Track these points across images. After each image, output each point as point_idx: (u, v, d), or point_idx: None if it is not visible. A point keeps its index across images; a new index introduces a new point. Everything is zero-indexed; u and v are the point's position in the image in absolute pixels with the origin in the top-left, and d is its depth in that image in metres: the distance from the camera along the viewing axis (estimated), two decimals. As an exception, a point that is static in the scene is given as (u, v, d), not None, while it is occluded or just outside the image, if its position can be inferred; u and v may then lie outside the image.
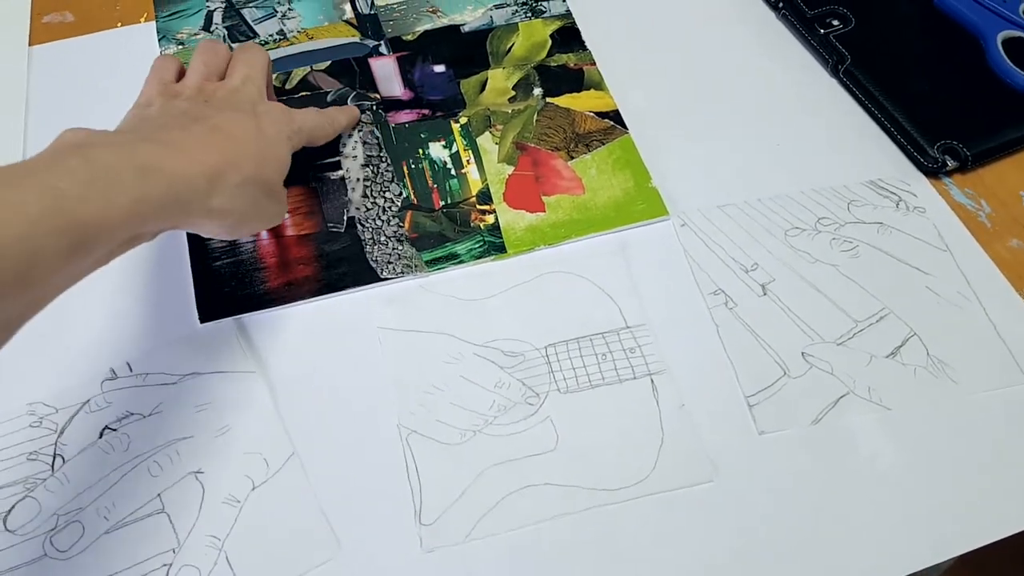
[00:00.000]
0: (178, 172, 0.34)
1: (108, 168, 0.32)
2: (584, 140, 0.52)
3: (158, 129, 0.37)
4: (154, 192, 0.33)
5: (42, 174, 0.30)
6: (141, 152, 0.34)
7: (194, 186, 0.35)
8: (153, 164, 0.33)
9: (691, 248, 0.48)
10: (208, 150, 0.36)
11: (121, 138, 0.35)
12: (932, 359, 0.43)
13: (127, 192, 0.32)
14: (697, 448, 0.41)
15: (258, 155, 0.39)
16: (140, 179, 0.32)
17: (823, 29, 0.55)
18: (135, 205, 0.32)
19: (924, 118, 0.51)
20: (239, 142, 0.38)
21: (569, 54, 0.56)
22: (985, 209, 0.49)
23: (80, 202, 0.30)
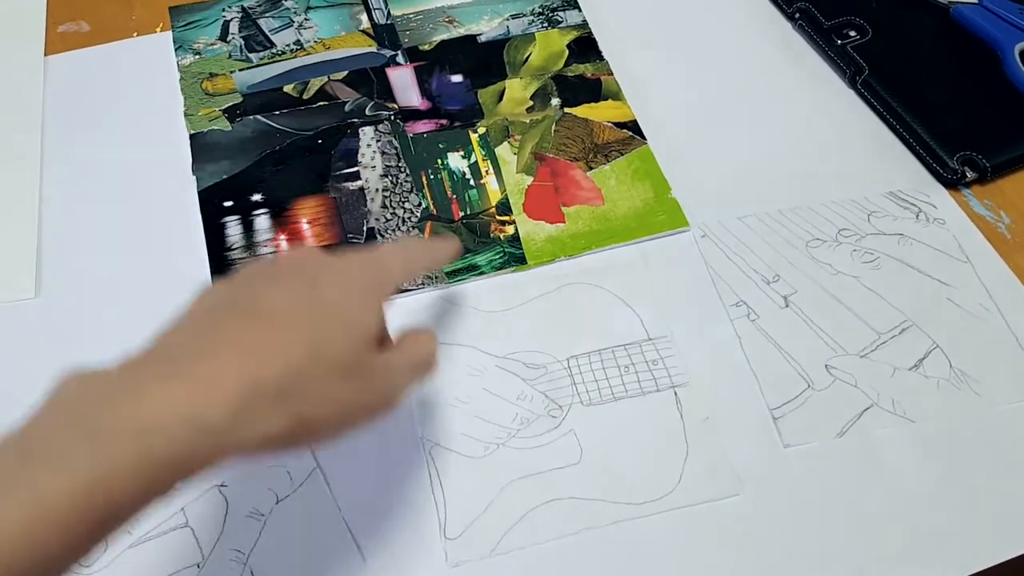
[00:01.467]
0: (177, 416, 0.25)
1: (104, 431, 0.25)
2: (603, 150, 0.52)
3: (178, 346, 0.29)
4: (155, 452, 0.25)
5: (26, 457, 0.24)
6: (144, 404, 0.26)
7: (210, 426, 0.26)
8: (151, 422, 0.25)
9: (712, 259, 0.47)
10: (228, 356, 0.27)
11: (118, 382, 0.27)
12: (955, 371, 0.43)
13: (120, 467, 0.24)
14: (722, 461, 0.40)
15: (317, 333, 0.29)
16: (134, 444, 0.25)
17: (840, 40, 0.55)
18: (133, 477, 0.24)
19: (943, 129, 0.51)
20: (283, 322, 0.29)
21: (586, 64, 0.56)
22: (1005, 220, 0.49)
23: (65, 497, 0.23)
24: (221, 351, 0.27)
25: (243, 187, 0.50)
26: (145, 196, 0.50)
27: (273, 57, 0.56)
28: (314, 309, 0.30)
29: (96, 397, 0.26)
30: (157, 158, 0.52)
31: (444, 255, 0.41)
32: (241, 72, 0.56)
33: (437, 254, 0.40)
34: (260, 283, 0.31)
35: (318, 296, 0.31)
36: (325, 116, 0.53)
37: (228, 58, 0.56)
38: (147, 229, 0.49)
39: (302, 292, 0.31)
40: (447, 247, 0.41)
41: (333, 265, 0.33)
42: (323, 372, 0.29)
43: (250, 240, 0.48)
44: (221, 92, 0.55)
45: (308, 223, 0.49)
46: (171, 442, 0.25)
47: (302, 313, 0.30)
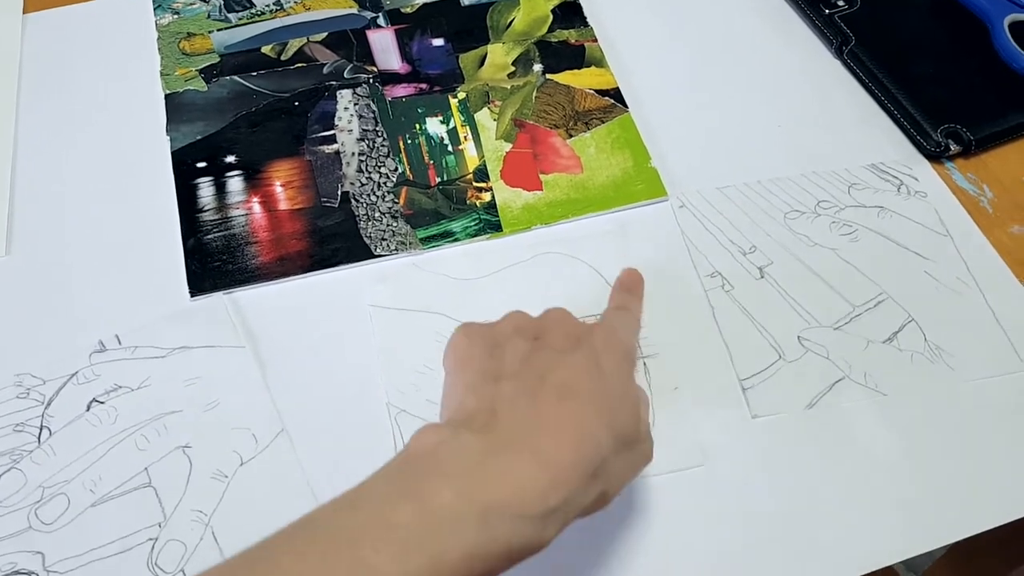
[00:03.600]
0: (530, 503, 0.27)
1: (445, 516, 0.26)
2: (584, 118, 0.51)
3: (509, 409, 0.30)
4: (496, 542, 0.27)
5: (359, 541, 0.26)
6: (491, 481, 0.27)
7: (549, 508, 0.28)
8: (501, 502, 0.27)
9: (689, 230, 0.47)
10: (562, 434, 0.29)
11: (472, 452, 0.28)
12: (929, 345, 0.43)
13: (459, 547, 0.26)
14: (688, 432, 0.40)
15: (611, 413, 0.31)
16: (481, 528, 0.26)
17: (828, 9, 0.54)
18: (466, 561, 0.26)
19: (928, 101, 0.50)
20: (589, 402, 0.30)
21: (570, 30, 0.55)
22: (987, 194, 0.48)
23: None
24: (555, 431, 0.29)
25: (217, 148, 0.49)
26: (119, 156, 0.50)
27: (252, 17, 0.55)
28: (605, 386, 0.32)
29: (476, 470, 0.28)
30: (132, 118, 0.51)
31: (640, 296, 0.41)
32: (219, 32, 0.55)
33: (639, 299, 0.41)
34: (550, 354, 0.32)
35: (602, 371, 0.32)
36: (303, 78, 0.53)
37: (207, 18, 0.56)
38: (120, 189, 0.49)
39: (592, 367, 0.32)
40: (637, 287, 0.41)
41: (598, 336, 0.34)
42: (619, 448, 0.31)
43: (222, 202, 0.47)
44: (198, 52, 0.54)
45: (282, 186, 0.48)
46: (532, 527, 0.27)
47: (599, 391, 0.31)
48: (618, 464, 0.31)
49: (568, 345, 0.33)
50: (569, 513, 0.29)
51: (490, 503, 0.27)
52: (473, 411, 0.31)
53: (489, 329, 0.35)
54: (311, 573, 0.25)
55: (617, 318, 0.38)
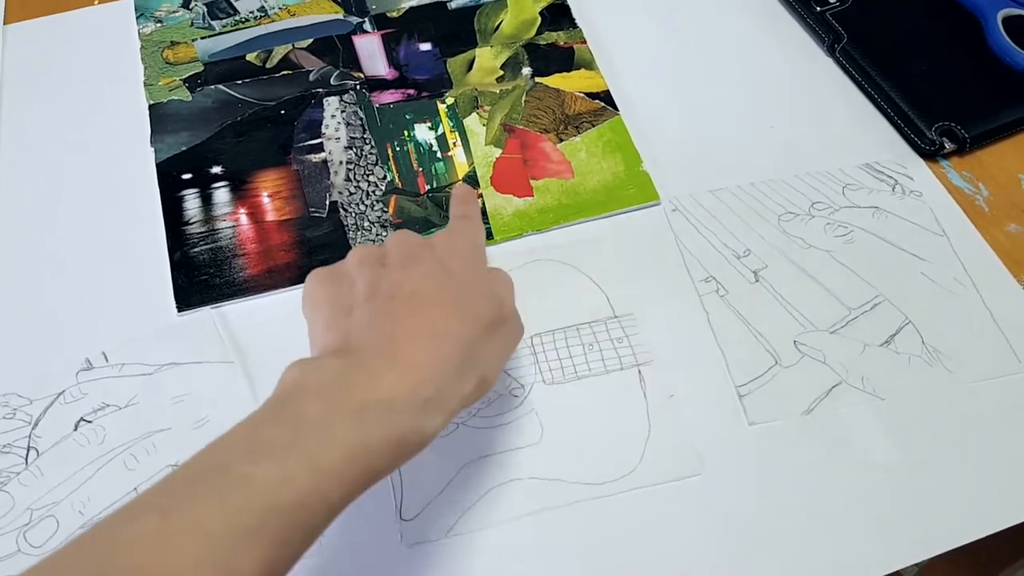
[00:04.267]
0: (400, 395, 0.29)
1: (315, 424, 0.28)
2: (574, 122, 0.51)
3: (367, 329, 0.32)
4: (374, 434, 0.28)
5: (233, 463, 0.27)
6: (357, 386, 0.29)
7: (423, 398, 0.30)
8: (370, 399, 0.29)
9: (682, 234, 0.46)
10: (422, 337, 0.31)
11: (335, 369, 0.30)
12: (927, 347, 0.42)
13: (336, 448, 0.27)
14: (685, 440, 0.40)
15: (466, 306, 0.33)
16: (354, 424, 0.28)
17: (819, 7, 0.54)
18: (348, 459, 0.27)
19: (922, 99, 0.49)
20: (440, 302, 0.32)
21: (559, 32, 0.55)
22: (983, 193, 0.47)
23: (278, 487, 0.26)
24: (414, 335, 0.31)
25: (203, 159, 0.49)
26: (103, 168, 0.49)
27: (236, 25, 0.55)
28: (453, 283, 0.34)
29: (340, 383, 0.29)
30: (116, 129, 0.51)
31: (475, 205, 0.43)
32: (203, 40, 0.54)
33: (474, 206, 0.42)
34: (394, 271, 0.34)
35: (449, 272, 0.34)
36: (288, 86, 0.52)
37: (190, 26, 0.55)
38: (104, 203, 0.48)
39: (437, 272, 0.34)
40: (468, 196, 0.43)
41: (439, 244, 0.36)
42: (484, 336, 0.33)
43: (209, 214, 0.47)
44: (182, 61, 0.53)
45: (269, 196, 0.47)
46: (409, 417, 0.29)
47: (448, 289, 0.33)
48: (488, 349, 0.33)
49: (411, 261, 0.35)
50: (447, 402, 0.31)
51: (359, 404, 0.29)
52: (333, 343, 0.32)
53: (335, 268, 0.36)
54: (184, 498, 0.26)
55: (456, 225, 0.40)
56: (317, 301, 0.35)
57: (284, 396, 0.30)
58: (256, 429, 0.28)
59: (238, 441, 0.28)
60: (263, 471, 0.26)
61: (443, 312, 0.32)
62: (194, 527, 0.25)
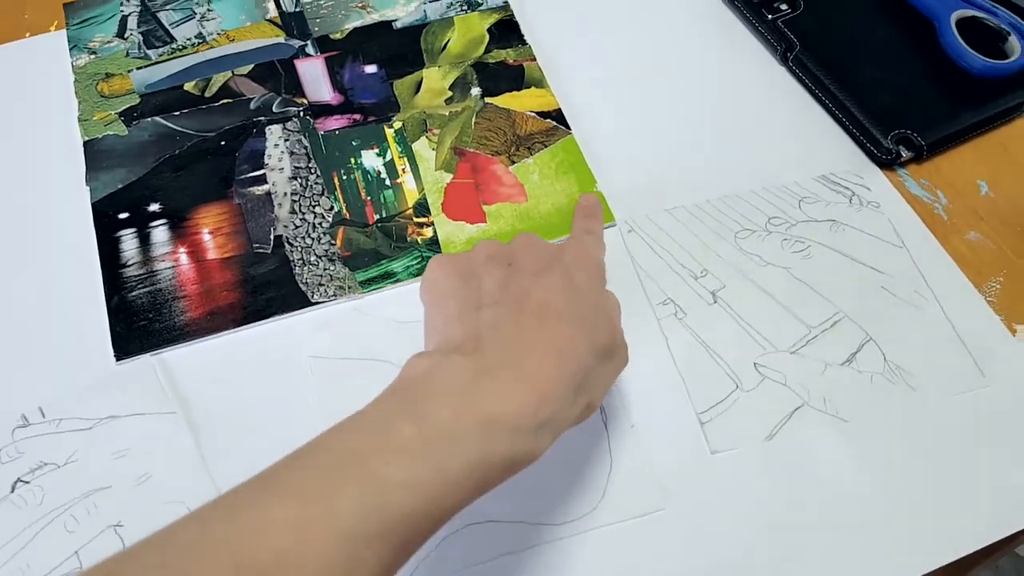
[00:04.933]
0: (524, 415, 0.29)
1: (446, 431, 0.28)
2: (526, 143, 0.49)
3: (495, 332, 0.31)
4: (496, 452, 0.28)
5: (367, 454, 0.27)
6: (486, 397, 0.29)
7: (540, 420, 0.29)
8: (497, 414, 0.28)
9: (639, 255, 0.45)
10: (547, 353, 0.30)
11: (465, 372, 0.30)
12: (889, 365, 0.41)
13: (463, 457, 0.27)
14: (647, 473, 0.39)
15: (589, 328, 0.32)
16: (481, 439, 0.28)
17: (771, 14, 0.53)
18: (472, 471, 0.27)
19: (876, 107, 0.48)
20: (568, 320, 0.32)
21: (508, 49, 0.53)
22: (942, 201, 0.47)
23: (407, 490, 0.26)
24: (540, 350, 0.31)
25: (140, 196, 0.47)
26: (36, 209, 0.47)
27: (173, 53, 0.53)
28: (580, 302, 0.33)
29: (470, 390, 0.29)
30: (49, 168, 0.49)
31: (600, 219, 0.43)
32: (139, 71, 0.52)
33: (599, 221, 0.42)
34: (525, 277, 0.34)
35: (576, 287, 0.34)
36: (229, 115, 0.50)
37: (125, 56, 0.53)
38: (38, 245, 0.46)
39: (566, 286, 0.33)
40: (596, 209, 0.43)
41: (568, 255, 0.36)
42: (599, 360, 0.33)
43: (147, 255, 0.45)
44: (117, 93, 0.51)
45: (210, 233, 0.46)
46: (528, 437, 0.29)
47: (575, 308, 0.33)
48: (599, 374, 0.33)
49: (541, 267, 0.34)
50: (559, 425, 0.30)
51: (486, 418, 0.28)
52: (459, 339, 0.32)
53: (463, 260, 0.36)
54: (323, 488, 0.26)
55: (582, 239, 0.39)
56: (442, 292, 0.34)
57: (413, 390, 0.30)
58: (388, 422, 0.28)
59: (371, 432, 0.28)
60: (397, 472, 0.26)
61: (569, 331, 0.32)
62: (331, 521, 0.25)
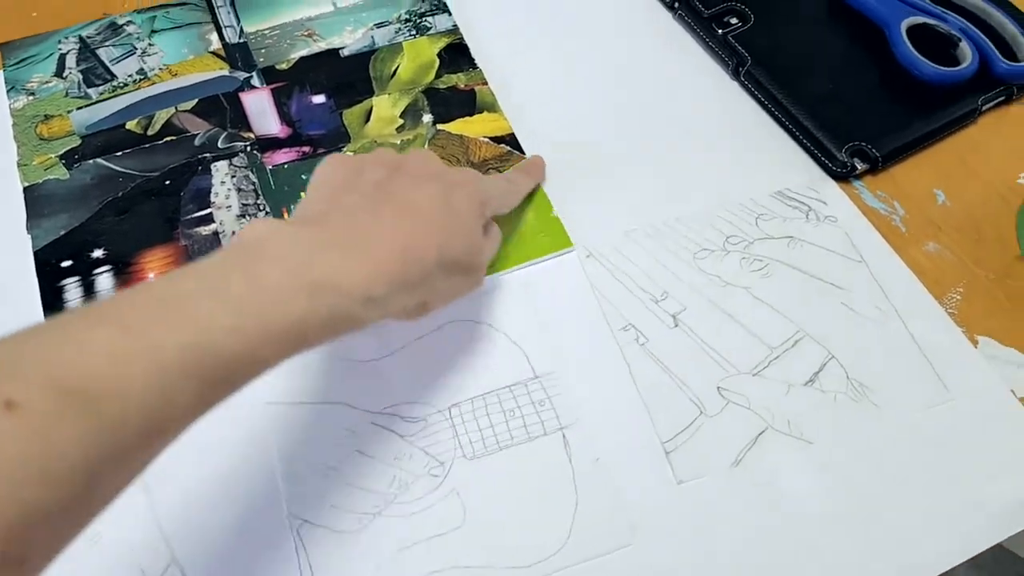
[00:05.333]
0: (354, 285, 0.31)
1: (274, 290, 0.29)
2: (480, 169, 0.49)
3: (349, 216, 0.33)
4: (319, 312, 0.30)
5: (195, 299, 0.28)
6: (318, 265, 0.30)
7: (370, 294, 0.31)
8: (326, 281, 0.30)
9: (598, 281, 0.45)
10: (384, 250, 0.32)
11: (302, 242, 0.31)
12: (852, 383, 0.41)
13: (287, 316, 0.29)
14: (613, 508, 0.38)
15: (441, 239, 0.35)
16: (308, 300, 0.29)
17: (721, 29, 0.52)
18: (293, 328, 0.29)
19: (830, 119, 0.48)
20: (420, 225, 0.34)
21: (459, 74, 0.52)
22: (899, 212, 0.47)
23: (229, 334, 0.27)
24: (387, 238, 0.33)
25: (83, 242, 0.45)
26: (-25, 262, 0.46)
27: (115, 91, 0.51)
28: (446, 215, 0.35)
29: (304, 259, 0.30)
30: (-12, 217, 0.47)
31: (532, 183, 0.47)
32: (79, 111, 0.50)
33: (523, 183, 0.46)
34: (404, 180, 0.36)
35: (449, 204, 0.36)
36: (173, 153, 0.49)
37: (65, 96, 0.51)
38: (-21, 300, 0.44)
39: (439, 197, 0.35)
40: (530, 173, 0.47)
41: (458, 176, 0.38)
42: (446, 272, 0.35)
43: (93, 304, 0.43)
44: (57, 136, 0.49)
45: (156, 278, 0.44)
46: (354, 305, 0.31)
47: (439, 217, 0.35)
48: (443, 284, 0.36)
49: (424, 176, 0.37)
50: (387, 308, 0.33)
51: (317, 281, 0.30)
52: (311, 215, 0.34)
53: (356, 159, 0.38)
54: (146, 321, 0.26)
55: (493, 178, 0.42)
56: (322, 180, 0.36)
57: (251, 250, 0.30)
58: (220, 275, 0.29)
59: (202, 280, 0.29)
60: (221, 318, 0.27)
61: (422, 231, 0.34)
62: (150, 352, 0.25)
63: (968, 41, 0.50)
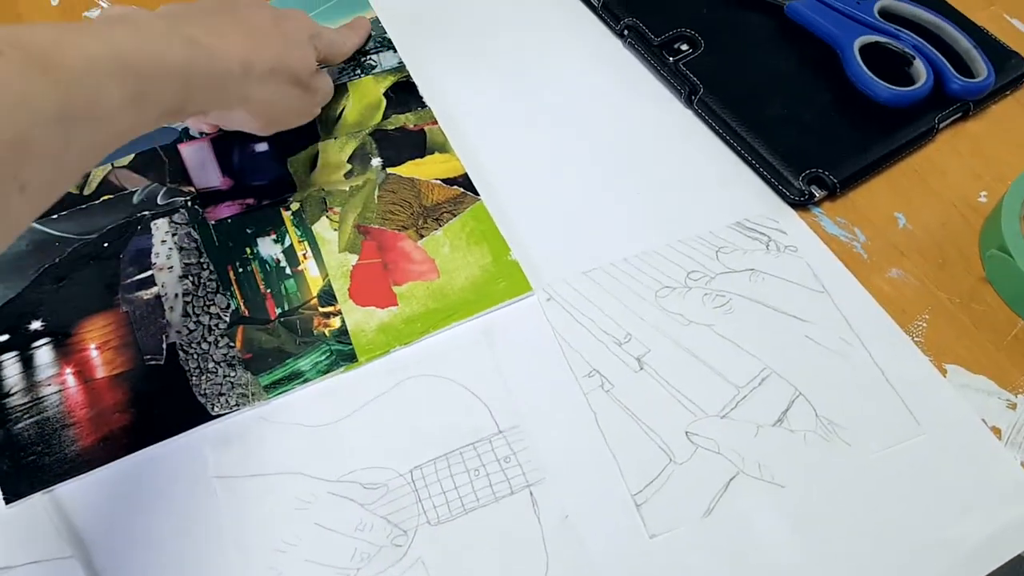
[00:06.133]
0: (217, 52, 0.37)
1: (159, 34, 0.35)
2: (433, 213, 0.47)
3: (194, 12, 0.39)
4: (199, 62, 0.36)
5: (96, 29, 0.32)
6: (185, 28, 0.37)
7: (231, 68, 0.38)
8: (197, 39, 0.37)
9: (560, 325, 0.43)
10: (237, 39, 0.39)
11: (164, 15, 0.38)
12: (821, 420, 0.40)
13: (176, 54, 0.35)
14: (585, 566, 0.37)
15: (281, 47, 0.41)
16: (187, 47, 0.36)
17: (672, 56, 0.51)
18: (185, 67, 0.35)
19: (785, 146, 0.47)
20: (261, 33, 0.41)
21: (407, 114, 0.51)
22: (860, 238, 0.46)
23: (136, 52, 0.33)
24: (241, 31, 0.40)
25: (20, 314, 0.43)
26: (-97, 340, 0.43)
27: (46, 148, 0.49)
28: (284, 33, 0.42)
29: (144, 14, 0.37)
30: (-85, 290, 0.45)
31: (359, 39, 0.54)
32: (9, 171, 0.48)
33: (352, 38, 0.52)
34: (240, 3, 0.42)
35: (285, 27, 0.43)
36: (111, 212, 0.47)
37: (-7, 155, 0.49)
38: (-92, 381, 0.42)
39: (275, 18, 0.43)
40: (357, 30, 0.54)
41: (288, 11, 0.45)
42: (288, 77, 0.43)
43: (31, 380, 0.41)
44: (-14, 199, 0.47)
45: (97, 348, 0.42)
46: (211, 61, 0.37)
47: (277, 31, 0.42)
48: (284, 90, 0.43)
49: (257, 4, 0.43)
50: (246, 89, 0.40)
51: (193, 36, 0.37)
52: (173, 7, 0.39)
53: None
54: (82, 27, 0.32)
55: (327, 27, 0.49)
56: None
57: (125, 15, 0.36)
58: (108, 25, 0.34)
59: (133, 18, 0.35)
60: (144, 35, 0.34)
61: (265, 43, 0.41)
62: (83, 43, 0.31)
63: (922, 58, 0.50)
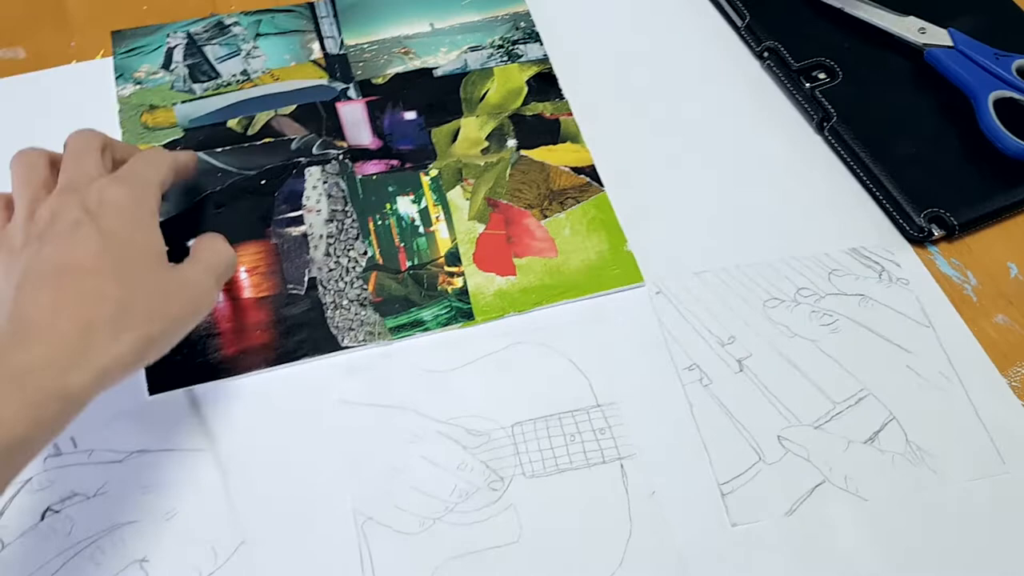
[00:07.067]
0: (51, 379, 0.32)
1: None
2: (559, 197, 0.50)
3: (18, 317, 0.33)
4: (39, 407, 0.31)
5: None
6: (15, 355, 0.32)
7: (71, 387, 0.32)
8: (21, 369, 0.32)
9: (666, 318, 0.46)
10: (73, 311, 0.33)
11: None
12: (911, 445, 0.42)
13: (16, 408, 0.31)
14: (666, 542, 0.39)
15: (117, 269, 0.35)
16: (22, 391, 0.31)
17: (808, 83, 0.53)
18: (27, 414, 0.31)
19: (911, 183, 0.49)
20: (90, 274, 0.34)
21: (545, 103, 0.54)
22: (971, 282, 0.47)
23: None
24: (60, 313, 0.33)
25: (182, 231, 0.48)
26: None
27: (218, 88, 0.54)
28: (105, 246, 0.35)
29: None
30: (93, 197, 0.50)
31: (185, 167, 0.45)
32: (183, 104, 0.53)
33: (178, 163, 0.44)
34: (49, 242, 0.35)
35: (101, 231, 0.35)
36: (270, 154, 0.51)
37: (171, 88, 0.54)
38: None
39: (88, 234, 0.35)
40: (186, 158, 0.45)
41: (99, 193, 0.37)
42: (143, 294, 0.35)
43: (185, 291, 0.46)
44: (161, 126, 0.52)
45: (247, 272, 0.46)
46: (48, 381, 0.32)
47: (96, 254, 0.35)
48: (154, 306, 0.36)
49: (66, 220, 0.36)
50: (99, 360, 0.33)
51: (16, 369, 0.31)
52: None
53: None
54: None
55: (138, 164, 0.41)
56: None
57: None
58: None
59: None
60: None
61: (90, 281, 0.34)
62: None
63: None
